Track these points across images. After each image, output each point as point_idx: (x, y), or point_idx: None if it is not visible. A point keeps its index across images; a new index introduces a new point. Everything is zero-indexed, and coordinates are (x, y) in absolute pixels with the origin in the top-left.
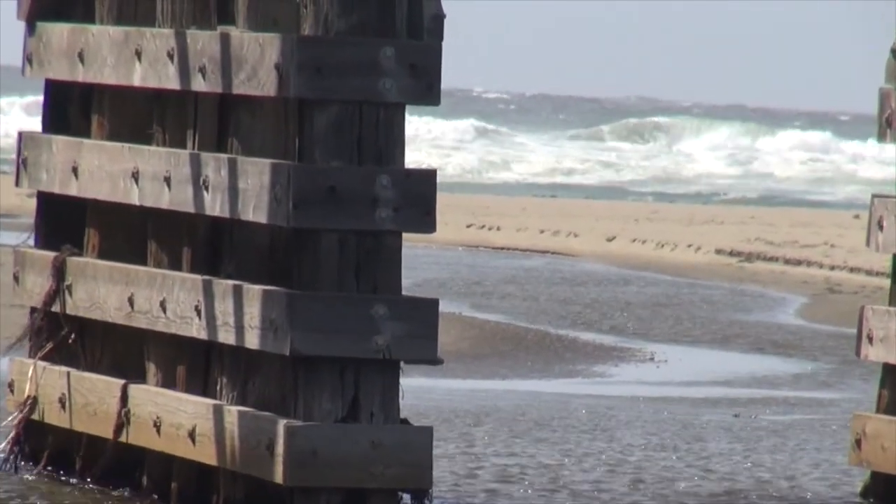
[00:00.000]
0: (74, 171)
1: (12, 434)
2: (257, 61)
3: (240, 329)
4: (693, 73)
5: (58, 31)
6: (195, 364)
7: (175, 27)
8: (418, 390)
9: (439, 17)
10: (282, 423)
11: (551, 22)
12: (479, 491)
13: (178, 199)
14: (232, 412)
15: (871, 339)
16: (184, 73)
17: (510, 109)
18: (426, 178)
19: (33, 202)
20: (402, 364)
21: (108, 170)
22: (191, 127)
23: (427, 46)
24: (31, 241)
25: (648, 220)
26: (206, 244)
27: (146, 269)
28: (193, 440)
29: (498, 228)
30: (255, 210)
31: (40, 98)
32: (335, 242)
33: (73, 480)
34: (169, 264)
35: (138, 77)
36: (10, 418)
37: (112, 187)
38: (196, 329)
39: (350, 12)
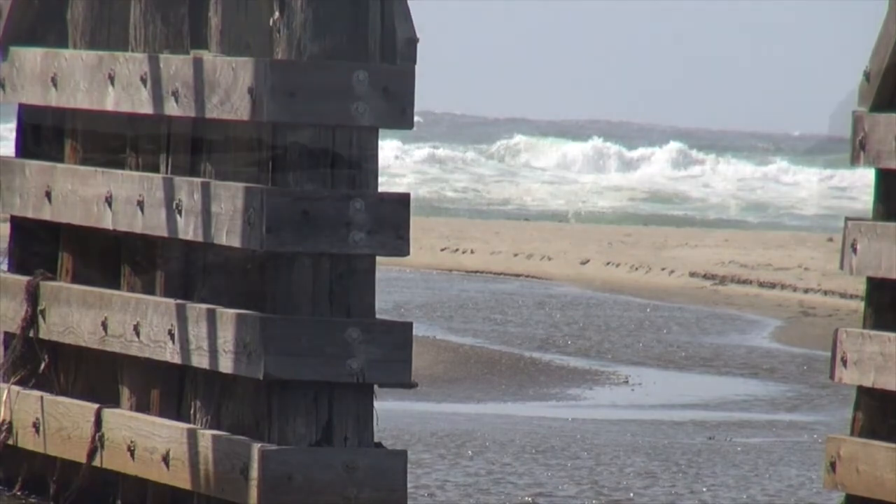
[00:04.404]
0: (48, 195)
1: None
2: (230, 85)
3: (213, 353)
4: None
5: (31, 56)
6: (169, 388)
7: (148, 51)
8: (393, 414)
9: (412, 41)
10: (256, 447)
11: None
12: None
13: (151, 223)
14: (206, 436)
15: (845, 362)
16: (157, 97)
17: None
18: (399, 202)
19: (6, 227)
20: (375, 387)
21: (81, 194)
22: (164, 151)
23: (400, 70)
24: (5, 266)
25: (622, 243)
26: (179, 268)
27: (120, 294)
28: (167, 464)
29: (472, 252)
30: (228, 234)
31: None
32: (308, 266)
33: None
34: (142, 288)
35: (111, 101)
36: None
37: (85, 211)
38: (170, 353)
39: (323, 36)
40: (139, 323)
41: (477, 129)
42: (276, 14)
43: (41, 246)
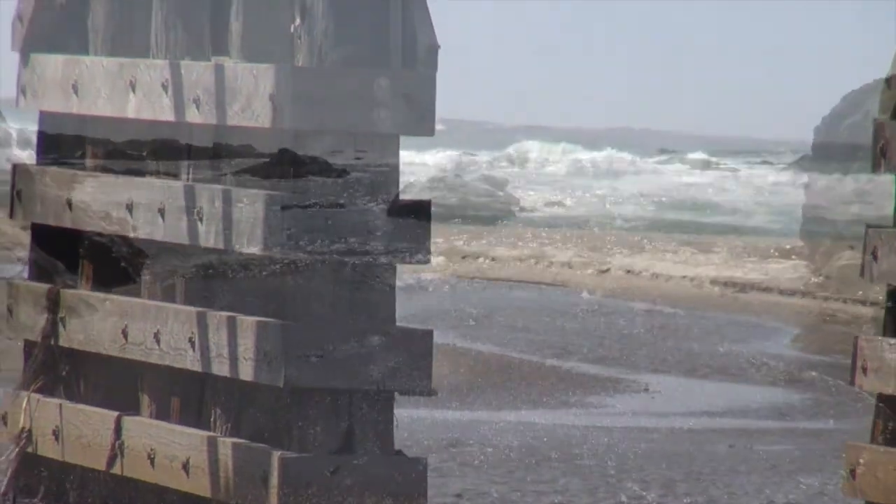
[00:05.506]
0: (68, 202)
1: (11, 468)
2: (251, 92)
3: (234, 361)
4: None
5: (52, 63)
6: (189, 396)
7: (169, 58)
8: (413, 421)
9: (433, 48)
10: (276, 455)
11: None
12: None
13: (172, 230)
14: (226, 444)
15: (864, 370)
16: (178, 104)
17: None
18: (420, 209)
19: (25, 234)
20: (395, 395)
21: (101, 201)
22: (185, 158)
23: (421, 77)
24: (25, 274)
25: (642, 250)
26: (200, 275)
27: (140, 301)
28: (187, 472)
29: (492, 259)
30: (249, 241)
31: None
32: (329, 273)
33: None
34: (162, 296)
35: (132, 108)
36: (7, 452)
37: (106, 219)
38: (190, 361)
39: (344, 43)
40: (159, 331)
41: (495, 136)
42: (298, 21)
43: (62, 254)
